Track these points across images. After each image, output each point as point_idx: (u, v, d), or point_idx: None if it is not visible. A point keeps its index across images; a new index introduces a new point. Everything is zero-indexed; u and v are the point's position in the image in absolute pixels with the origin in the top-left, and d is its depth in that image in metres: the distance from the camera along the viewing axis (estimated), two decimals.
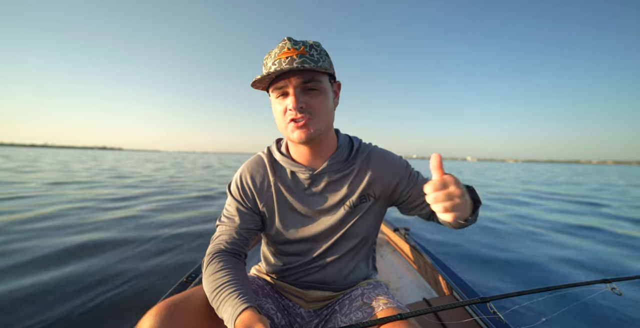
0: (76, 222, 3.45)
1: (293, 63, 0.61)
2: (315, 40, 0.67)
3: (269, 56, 0.65)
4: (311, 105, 0.65)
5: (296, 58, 0.62)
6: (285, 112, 0.66)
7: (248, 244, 0.77)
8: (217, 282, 0.61)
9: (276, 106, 0.68)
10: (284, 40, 0.64)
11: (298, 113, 0.64)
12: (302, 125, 0.65)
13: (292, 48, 0.62)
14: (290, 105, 0.64)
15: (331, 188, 0.78)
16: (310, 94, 0.65)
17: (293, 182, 0.78)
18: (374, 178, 0.78)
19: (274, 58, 0.63)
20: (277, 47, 0.64)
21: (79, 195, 5.34)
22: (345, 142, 0.81)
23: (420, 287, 1.51)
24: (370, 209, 0.79)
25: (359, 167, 0.79)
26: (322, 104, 0.67)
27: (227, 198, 0.81)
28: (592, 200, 7.06)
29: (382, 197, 0.80)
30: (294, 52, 0.62)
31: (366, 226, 0.80)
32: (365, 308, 0.70)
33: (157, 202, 5.06)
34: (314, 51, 0.64)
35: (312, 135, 0.67)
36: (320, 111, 0.67)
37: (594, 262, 2.62)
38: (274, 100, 0.68)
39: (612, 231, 3.84)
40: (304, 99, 0.65)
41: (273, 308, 0.77)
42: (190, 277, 1.23)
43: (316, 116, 0.66)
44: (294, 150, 0.77)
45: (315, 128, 0.66)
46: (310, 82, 0.64)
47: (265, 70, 0.65)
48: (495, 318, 0.69)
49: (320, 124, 0.67)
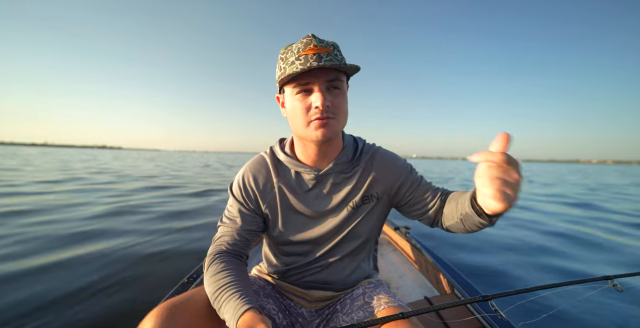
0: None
1: (321, 60, 0.60)
2: (334, 41, 0.66)
3: (289, 51, 0.63)
4: (335, 104, 0.65)
5: (324, 55, 0.61)
6: (307, 110, 0.64)
7: (249, 245, 0.77)
8: (218, 283, 0.61)
9: (296, 103, 0.65)
10: (309, 36, 0.63)
11: (324, 112, 0.63)
12: (325, 124, 0.64)
13: (319, 45, 0.61)
14: (317, 102, 0.62)
15: (335, 189, 0.77)
16: (334, 93, 0.65)
17: (297, 182, 0.77)
18: (377, 179, 0.78)
19: (298, 53, 0.61)
20: (301, 43, 0.62)
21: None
22: (350, 142, 0.81)
23: (421, 285, 1.51)
24: (372, 210, 0.79)
25: (362, 168, 0.78)
26: (343, 103, 0.66)
27: (229, 199, 0.80)
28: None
29: (384, 198, 0.80)
30: (321, 50, 0.61)
31: (369, 227, 0.80)
32: (366, 307, 0.70)
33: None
34: (337, 51, 0.64)
35: (332, 135, 0.66)
36: (341, 111, 0.66)
37: (596, 259, 2.62)
38: (292, 96, 0.65)
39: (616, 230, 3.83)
40: (330, 97, 0.64)
41: (274, 308, 0.77)
42: (191, 278, 1.23)
43: (337, 116, 0.66)
44: (301, 150, 0.76)
45: (335, 128, 0.66)
46: (334, 81, 0.64)
47: (286, 65, 0.63)
48: (497, 316, 0.68)
49: (339, 124, 0.67)
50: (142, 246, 2.66)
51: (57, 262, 2.23)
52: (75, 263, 2.23)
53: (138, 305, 1.66)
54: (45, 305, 1.63)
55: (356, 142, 0.82)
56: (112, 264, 2.22)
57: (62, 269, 2.11)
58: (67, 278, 1.94)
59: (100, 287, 1.84)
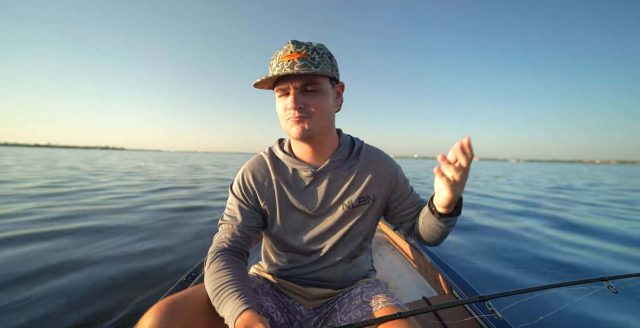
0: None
1: (294, 66, 0.65)
2: (320, 43, 0.71)
3: (274, 57, 0.69)
4: (309, 105, 0.69)
5: (297, 61, 0.66)
6: (285, 110, 0.70)
7: (250, 242, 0.78)
8: (218, 281, 0.62)
9: (279, 104, 0.72)
10: (288, 43, 0.68)
11: (296, 112, 0.68)
12: (298, 122, 0.69)
13: (295, 51, 0.66)
14: (289, 104, 0.68)
15: (332, 187, 0.79)
16: (309, 94, 0.69)
17: (294, 179, 0.79)
18: (374, 181, 0.80)
19: (278, 60, 0.68)
20: (282, 50, 0.68)
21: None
22: (347, 141, 0.83)
23: (419, 285, 1.51)
24: (369, 211, 0.81)
25: (359, 168, 0.80)
26: (320, 104, 0.70)
27: (229, 198, 0.82)
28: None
29: (379, 200, 0.82)
30: (296, 55, 0.66)
31: (364, 226, 0.82)
32: (364, 306, 0.71)
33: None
34: (315, 54, 0.68)
35: (308, 132, 0.70)
36: (317, 111, 0.70)
37: (592, 260, 2.63)
38: (276, 98, 0.73)
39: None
40: (303, 99, 0.68)
41: (272, 306, 0.78)
42: (190, 276, 1.23)
43: (313, 116, 0.70)
44: (297, 148, 0.80)
45: (310, 126, 0.70)
46: (309, 84, 0.68)
47: (270, 71, 0.70)
48: (494, 317, 0.69)
49: (315, 122, 0.70)
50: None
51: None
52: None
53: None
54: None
55: (353, 142, 0.85)
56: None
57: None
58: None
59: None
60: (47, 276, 1.96)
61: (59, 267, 2.11)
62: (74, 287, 1.84)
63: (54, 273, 2.01)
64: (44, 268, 2.07)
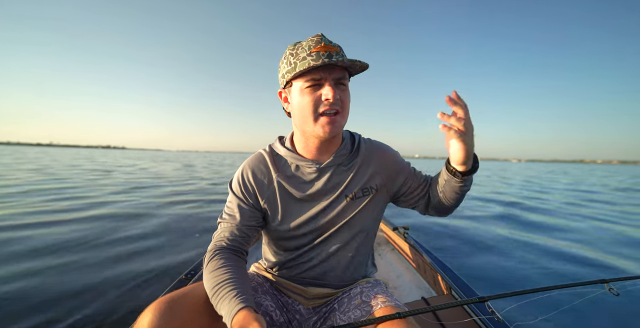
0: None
1: (332, 58, 0.64)
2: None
3: (299, 47, 0.67)
4: (343, 100, 0.69)
5: (334, 54, 0.65)
6: (316, 102, 0.67)
7: (249, 241, 0.78)
8: (216, 279, 0.62)
9: (305, 96, 0.67)
10: (319, 35, 0.67)
11: (334, 104, 0.67)
12: (333, 121, 0.69)
13: (329, 45, 0.66)
14: (329, 95, 0.65)
15: (335, 181, 0.79)
16: (342, 88, 0.69)
17: (296, 177, 0.79)
18: (376, 172, 0.81)
19: (309, 50, 0.65)
20: (311, 41, 0.67)
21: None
22: (348, 136, 0.84)
23: (418, 286, 1.51)
24: (371, 202, 0.81)
25: (361, 160, 0.81)
26: (348, 100, 0.71)
27: (228, 196, 0.81)
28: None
29: (383, 190, 0.82)
30: (331, 49, 0.66)
31: (366, 219, 0.81)
32: (363, 306, 0.70)
33: None
34: (343, 52, 0.69)
35: (338, 131, 0.71)
36: (347, 106, 0.71)
37: (593, 261, 2.63)
38: (301, 90, 0.68)
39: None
40: (338, 91, 0.68)
41: (272, 305, 0.78)
42: (189, 274, 1.23)
43: (344, 110, 0.70)
44: (302, 145, 0.78)
45: (341, 125, 0.71)
46: (342, 79, 0.68)
47: (297, 61, 0.66)
48: (493, 318, 0.69)
49: (344, 120, 0.72)
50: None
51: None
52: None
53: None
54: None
55: (353, 136, 0.86)
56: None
57: None
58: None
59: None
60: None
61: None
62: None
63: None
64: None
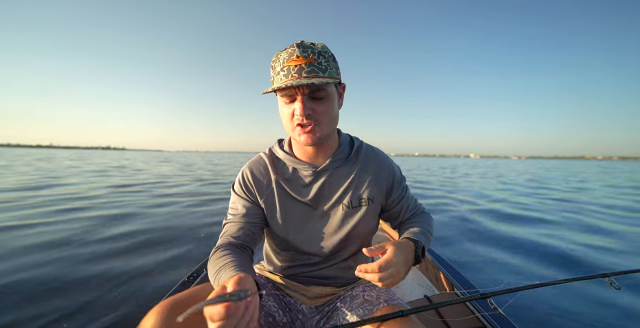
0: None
1: (302, 72, 0.63)
2: (324, 45, 0.68)
3: (277, 60, 0.66)
4: (317, 111, 0.67)
5: (305, 67, 0.63)
6: (292, 116, 0.68)
7: (255, 240, 0.78)
8: (219, 263, 0.63)
9: (284, 109, 0.70)
10: (293, 46, 0.65)
11: (305, 119, 0.67)
12: (309, 131, 0.68)
13: (301, 56, 0.63)
14: (297, 111, 0.66)
15: (331, 187, 0.79)
16: (317, 101, 0.67)
17: (294, 179, 0.80)
18: (372, 182, 0.80)
19: (283, 64, 0.65)
20: (286, 52, 0.65)
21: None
22: (346, 141, 0.84)
23: (421, 284, 1.51)
24: (368, 211, 0.81)
25: (359, 169, 0.80)
26: (327, 110, 0.69)
27: (231, 197, 0.83)
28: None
29: (377, 200, 0.82)
30: (303, 61, 0.63)
31: (365, 227, 0.81)
32: (366, 305, 0.71)
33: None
34: (322, 59, 0.65)
35: (318, 139, 0.70)
36: (325, 117, 0.69)
37: (593, 256, 2.63)
38: (282, 103, 0.70)
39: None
40: (310, 105, 0.67)
41: (274, 305, 0.78)
42: (191, 276, 1.23)
43: (321, 122, 0.69)
44: (298, 149, 0.80)
45: (319, 134, 0.69)
46: (317, 91, 0.66)
47: (274, 74, 0.67)
48: (496, 314, 0.69)
49: (324, 129, 0.70)
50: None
51: None
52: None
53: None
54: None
55: (352, 141, 0.85)
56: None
57: None
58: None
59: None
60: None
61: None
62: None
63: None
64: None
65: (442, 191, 7.53)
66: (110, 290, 1.83)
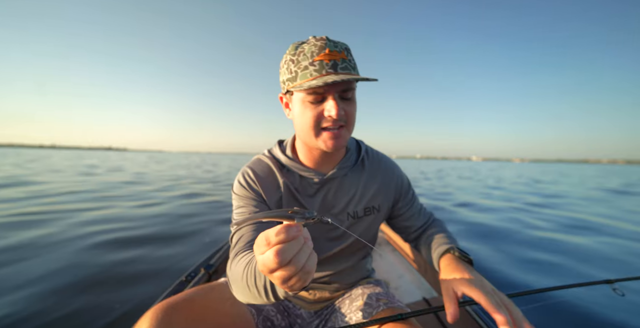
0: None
1: (337, 68, 0.57)
2: (342, 42, 0.62)
3: (301, 53, 0.58)
4: (348, 113, 0.62)
5: (339, 62, 0.58)
6: (319, 118, 0.61)
7: None
8: (244, 260, 0.53)
9: (307, 110, 0.61)
10: (323, 38, 0.59)
11: (338, 121, 0.61)
12: (337, 136, 0.62)
13: (334, 51, 0.58)
14: (332, 112, 0.59)
15: (337, 196, 0.76)
16: (347, 102, 0.62)
17: (302, 185, 0.74)
18: (379, 191, 0.78)
19: (312, 58, 0.57)
20: (313, 45, 0.58)
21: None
22: (353, 146, 0.80)
23: (420, 286, 1.50)
24: (374, 221, 0.79)
25: (365, 177, 0.78)
26: (354, 112, 0.64)
27: (234, 202, 0.74)
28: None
29: (383, 209, 0.80)
30: (337, 56, 0.57)
31: (368, 237, 0.80)
32: (365, 308, 0.70)
33: None
34: (350, 56, 0.61)
35: (343, 145, 0.64)
36: (352, 120, 0.64)
37: (598, 261, 2.62)
38: (302, 102, 0.61)
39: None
40: (343, 106, 0.61)
41: (273, 309, 0.77)
42: (189, 276, 1.22)
43: (349, 125, 0.64)
44: (304, 154, 0.73)
45: (345, 138, 0.64)
46: (348, 90, 0.60)
47: (298, 70, 0.59)
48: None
49: (349, 133, 0.65)
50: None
51: None
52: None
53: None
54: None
55: (359, 146, 0.82)
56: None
57: None
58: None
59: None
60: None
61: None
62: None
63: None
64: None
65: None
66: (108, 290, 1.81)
